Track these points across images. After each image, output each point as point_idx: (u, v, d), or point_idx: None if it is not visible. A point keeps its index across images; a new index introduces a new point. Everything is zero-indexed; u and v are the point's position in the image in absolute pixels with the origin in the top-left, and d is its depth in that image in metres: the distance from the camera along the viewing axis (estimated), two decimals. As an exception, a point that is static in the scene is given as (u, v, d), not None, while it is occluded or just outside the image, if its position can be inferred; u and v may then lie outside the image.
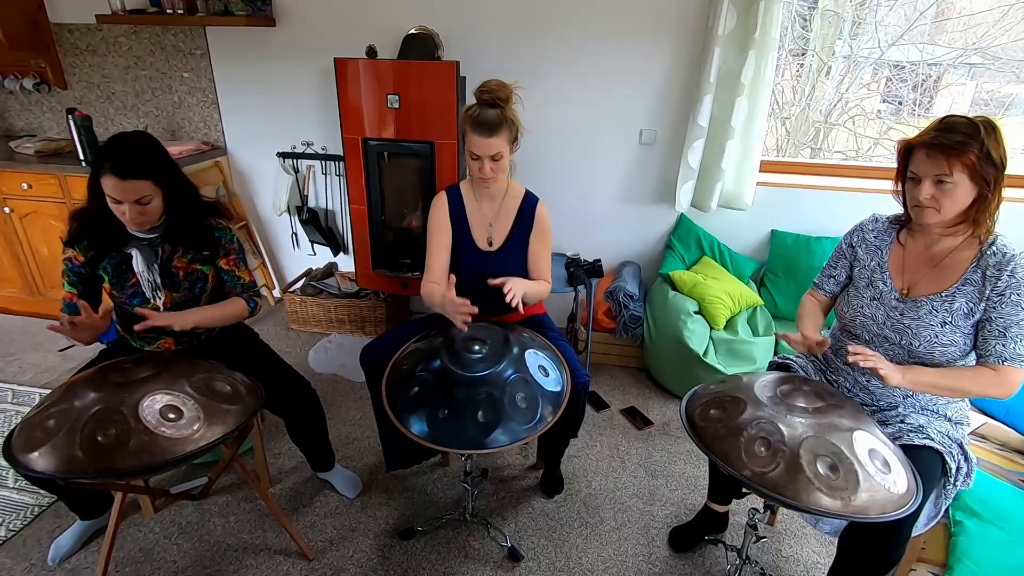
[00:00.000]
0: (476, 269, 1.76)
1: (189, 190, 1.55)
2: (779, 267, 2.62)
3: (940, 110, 3.51)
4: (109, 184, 1.36)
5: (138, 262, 1.49)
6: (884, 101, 3.76)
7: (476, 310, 1.50)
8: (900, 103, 3.64)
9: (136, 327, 1.45)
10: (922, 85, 3.49)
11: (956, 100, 3.56)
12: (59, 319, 1.38)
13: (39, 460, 1.14)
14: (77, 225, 1.48)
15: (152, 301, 1.52)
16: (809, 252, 2.52)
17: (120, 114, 3.06)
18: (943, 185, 1.18)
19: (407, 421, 1.37)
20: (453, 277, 1.55)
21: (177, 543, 1.74)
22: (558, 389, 1.48)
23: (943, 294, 1.27)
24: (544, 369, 1.50)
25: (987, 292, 1.22)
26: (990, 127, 1.15)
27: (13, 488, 1.90)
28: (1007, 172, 1.18)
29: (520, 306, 1.55)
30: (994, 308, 1.21)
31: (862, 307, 1.39)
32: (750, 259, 2.70)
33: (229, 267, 1.62)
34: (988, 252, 1.23)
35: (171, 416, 1.23)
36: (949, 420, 1.35)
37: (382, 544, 1.76)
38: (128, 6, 2.66)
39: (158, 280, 1.51)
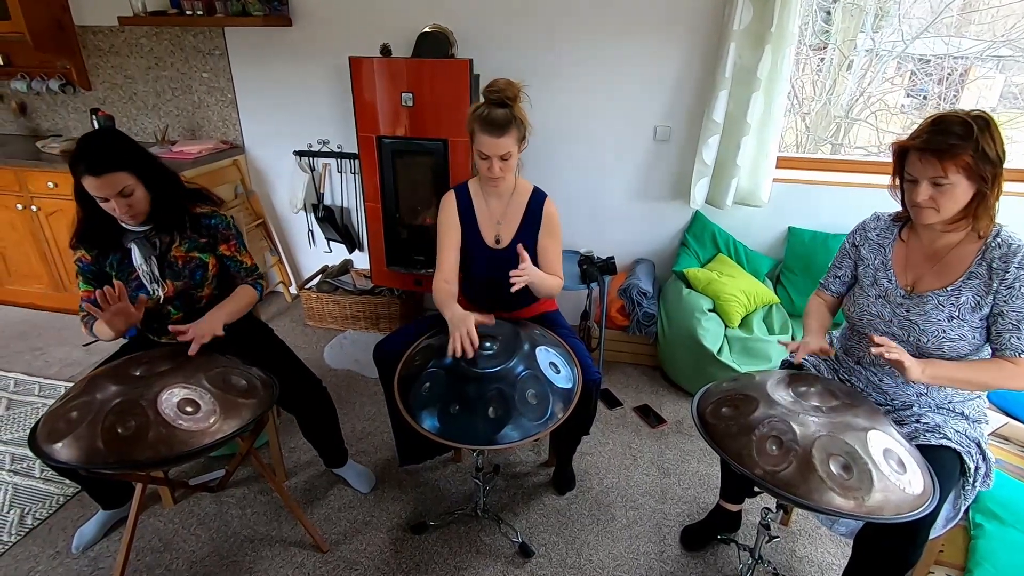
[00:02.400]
0: (485, 267, 1.76)
1: (170, 178, 1.55)
2: (796, 265, 2.58)
3: (967, 104, 3.42)
4: (89, 184, 1.38)
5: (136, 256, 1.53)
6: (908, 95, 3.67)
7: (475, 348, 1.45)
8: (925, 97, 3.55)
9: (171, 329, 1.46)
10: (948, 79, 3.40)
11: (983, 94, 3.46)
12: (85, 307, 1.39)
13: (62, 450, 1.18)
14: (76, 231, 1.52)
15: (153, 293, 1.55)
16: (827, 250, 2.48)
17: (142, 114, 3.13)
18: (940, 187, 1.16)
19: (419, 417, 1.38)
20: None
21: (195, 533, 1.78)
22: (569, 386, 1.48)
23: (948, 288, 1.26)
24: (555, 366, 1.50)
25: (995, 285, 1.20)
26: (985, 124, 1.12)
27: (39, 478, 1.96)
28: (1016, 167, 1.16)
29: (516, 286, 1.52)
30: (1005, 302, 1.20)
31: (868, 306, 1.38)
32: (766, 256, 2.66)
33: (230, 252, 1.64)
34: (993, 244, 1.22)
35: (188, 409, 1.26)
36: (967, 418, 1.33)
37: (395, 538, 1.78)
38: (149, 8, 2.72)
39: (156, 272, 1.54)
